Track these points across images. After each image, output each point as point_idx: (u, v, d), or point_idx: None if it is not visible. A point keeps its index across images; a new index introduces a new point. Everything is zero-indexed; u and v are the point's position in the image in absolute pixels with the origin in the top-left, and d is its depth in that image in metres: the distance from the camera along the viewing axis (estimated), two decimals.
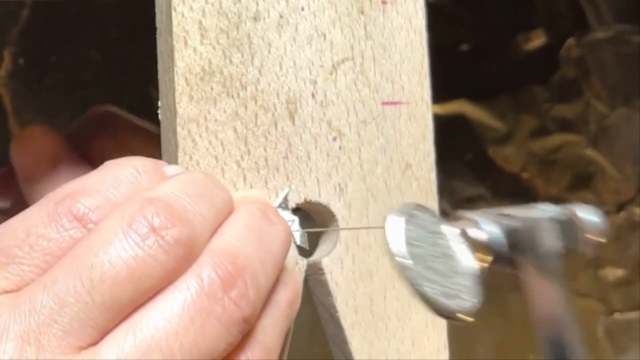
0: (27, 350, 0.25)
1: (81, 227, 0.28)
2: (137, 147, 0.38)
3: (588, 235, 0.28)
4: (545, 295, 0.28)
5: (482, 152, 0.65)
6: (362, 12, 0.37)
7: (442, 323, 0.38)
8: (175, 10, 0.32)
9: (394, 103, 0.37)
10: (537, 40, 0.66)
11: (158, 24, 0.34)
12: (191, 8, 0.33)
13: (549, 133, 0.66)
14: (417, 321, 0.37)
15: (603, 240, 0.28)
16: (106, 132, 0.41)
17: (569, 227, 0.28)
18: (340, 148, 0.36)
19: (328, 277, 0.35)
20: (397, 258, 0.26)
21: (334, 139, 0.36)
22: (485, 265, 0.28)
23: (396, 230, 0.27)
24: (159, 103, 0.34)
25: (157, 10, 0.34)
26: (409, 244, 0.26)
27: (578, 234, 0.28)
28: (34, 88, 0.55)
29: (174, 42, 0.32)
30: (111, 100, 0.54)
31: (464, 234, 0.28)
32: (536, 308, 0.28)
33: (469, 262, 0.27)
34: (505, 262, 0.28)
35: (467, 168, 0.65)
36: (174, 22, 0.32)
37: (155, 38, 0.34)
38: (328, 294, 0.35)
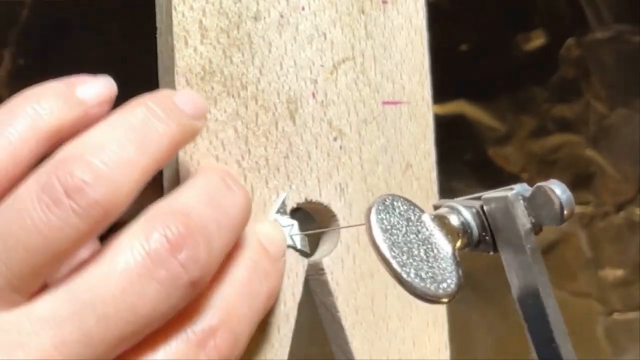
0: None
1: None
2: None
3: (556, 210, 0.29)
4: (522, 271, 0.29)
5: (482, 152, 0.65)
6: (363, 12, 0.37)
7: (443, 323, 0.38)
8: (175, 9, 0.32)
9: (395, 103, 0.37)
10: (537, 40, 0.66)
11: (158, 24, 0.34)
12: (192, 7, 0.33)
13: (548, 133, 0.66)
14: (418, 321, 0.37)
15: (570, 213, 0.29)
16: None
17: (538, 204, 0.29)
18: (340, 148, 0.36)
19: (329, 277, 0.35)
20: (376, 245, 0.27)
21: (335, 138, 0.36)
22: (464, 249, 0.29)
23: (374, 219, 0.27)
24: None
25: (157, 10, 0.34)
26: (386, 230, 0.27)
27: (547, 209, 0.29)
28: None
29: (175, 42, 0.32)
30: None
31: (441, 220, 0.29)
32: (514, 285, 0.29)
33: (447, 247, 0.28)
34: (484, 244, 0.29)
35: (467, 168, 0.65)
36: (175, 22, 0.32)
37: (155, 38, 0.34)
38: (329, 293, 0.35)
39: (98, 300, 0.26)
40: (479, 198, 0.30)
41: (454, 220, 0.29)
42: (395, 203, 0.28)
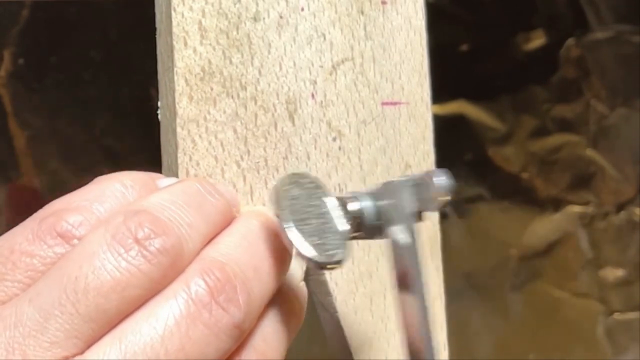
0: None
1: (64, 243, 0.28)
2: None
3: (436, 196, 0.30)
4: (401, 256, 0.31)
5: (482, 152, 0.65)
6: (362, 13, 0.37)
7: (442, 323, 0.38)
8: (175, 10, 0.32)
9: (394, 103, 0.37)
10: (537, 40, 0.66)
11: (158, 24, 0.34)
12: (191, 8, 0.33)
13: (548, 133, 0.66)
14: None
15: (448, 198, 0.30)
16: None
17: (421, 190, 0.31)
18: (340, 148, 0.36)
19: (328, 277, 0.35)
20: (274, 208, 0.29)
21: (334, 139, 0.36)
22: (358, 232, 0.31)
23: (277, 187, 0.30)
24: (159, 103, 0.34)
25: (157, 10, 0.34)
26: (286, 198, 0.29)
27: (426, 195, 0.31)
28: (34, 88, 0.55)
29: (174, 43, 0.32)
30: (111, 100, 0.54)
31: (341, 203, 0.31)
32: (394, 268, 0.31)
33: (341, 225, 0.30)
34: (376, 230, 0.31)
35: (467, 168, 0.65)
36: (174, 23, 0.32)
37: (155, 38, 0.34)
38: (328, 294, 0.35)
39: (147, 345, 0.27)
40: (380, 187, 0.32)
41: (352, 206, 0.31)
42: (302, 180, 0.30)
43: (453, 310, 0.39)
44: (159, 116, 0.34)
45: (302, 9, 0.35)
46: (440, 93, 0.40)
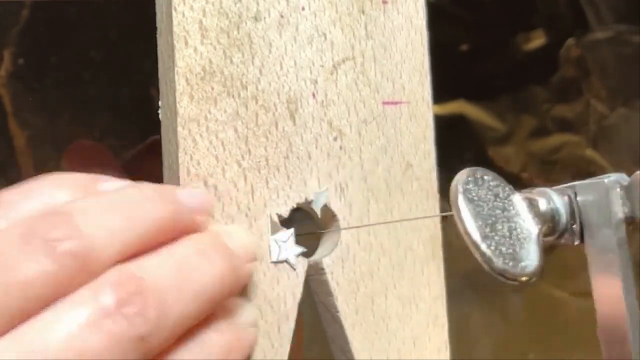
0: None
1: None
2: None
3: None
4: (605, 264, 0.28)
5: (482, 152, 0.65)
6: (363, 12, 0.37)
7: (444, 323, 0.38)
8: (175, 10, 0.32)
9: (395, 103, 0.37)
10: (537, 40, 0.66)
11: (158, 24, 0.34)
12: (192, 8, 0.33)
13: (549, 133, 0.66)
14: (418, 321, 0.37)
15: None
16: (156, 160, 0.42)
17: (634, 194, 0.28)
18: (340, 148, 0.36)
19: (329, 277, 0.35)
20: (460, 214, 0.27)
21: (335, 138, 0.36)
22: (549, 236, 0.29)
23: (461, 189, 0.27)
24: (159, 103, 0.34)
25: (157, 10, 0.34)
26: (472, 201, 0.27)
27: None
28: (34, 88, 0.55)
29: (175, 42, 0.32)
30: (111, 100, 0.54)
31: (530, 202, 0.28)
32: (594, 280, 0.29)
33: (532, 228, 0.27)
34: (569, 233, 0.29)
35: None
36: (175, 22, 0.32)
37: (155, 38, 0.34)
38: (329, 294, 0.35)
39: (44, 347, 0.26)
40: (572, 187, 0.29)
41: (543, 204, 0.29)
42: (485, 177, 0.28)
43: (453, 310, 0.39)
44: (160, 116, 0.34)
45: (303, 9, 0.35)
46: (440, 93, 0.40)
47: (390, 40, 0.37)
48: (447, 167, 0.40)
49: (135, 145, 0.43)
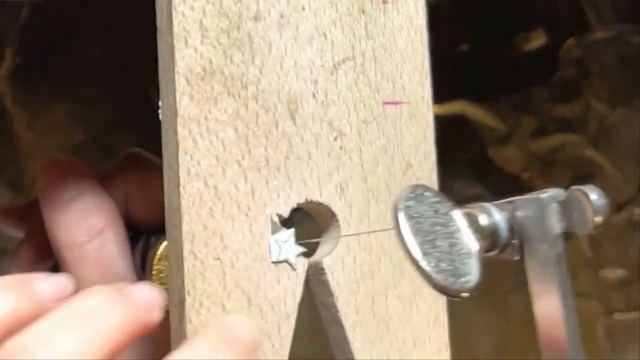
0: None
1: None
2: (160, 189, 0.38)
3: (588, 216, 0.28)
4: (545, 280, 0.28)
5: (483, 152, 0.65)
6: (363, 12, 0.37)
7: (444, 323, 0.38)
8: (175, 9, 0.32)
9: (395, 103, 0.37)
10: (537, 40, 0.66)
11: (158, 24, 0.34)
12: (192, 8, 0.33)
13: (549, 133, 0.66)
14: (418, 321, 0.37)
15: (601, 219, 0.28)
16: (132, 173, 0.41)
17: (571, 209, 0.28)
18: (341, 148, 0.36)
19: (329, 277, 0.35)
20: (400, 231, 0.26)
21: (335, 138, 0.36)
22: (490, 252, 0.28)
23: (402, 205, 0.27)
24: (159, 103, 0.34)
25: (157, 10, 0.34)
26: (412, 218, 0.27)
27: (578, 215, 0.28)
28: (34, 88, 0.55)
29: (175, 42, 0.32)
30: (111, 100, 0.54)
31: (470, 217, 0.28)
32: (535, 292, 0.29)
33: (472, 244, 0.27)
34: (510, 248, 0.29)
35: (468, 168, 0.65)
36: (175, 22, 0.32)
37: (155, 38, 0.34)
38: (329, 294, 0.35)
39: None
40: (511, 202, 0.29)
41: (483, 220, 0.29)
42: (426, 193, 0.28)
43: (453, 310, 0.39)
44: (160, 116, 0.34)
45: (303, 8, 0.35)
46: (440, 93, 0.40)
47: (391, 40, 0.37)
48: (447, 167, 0.40)
49: (135, 145, 0.43)
